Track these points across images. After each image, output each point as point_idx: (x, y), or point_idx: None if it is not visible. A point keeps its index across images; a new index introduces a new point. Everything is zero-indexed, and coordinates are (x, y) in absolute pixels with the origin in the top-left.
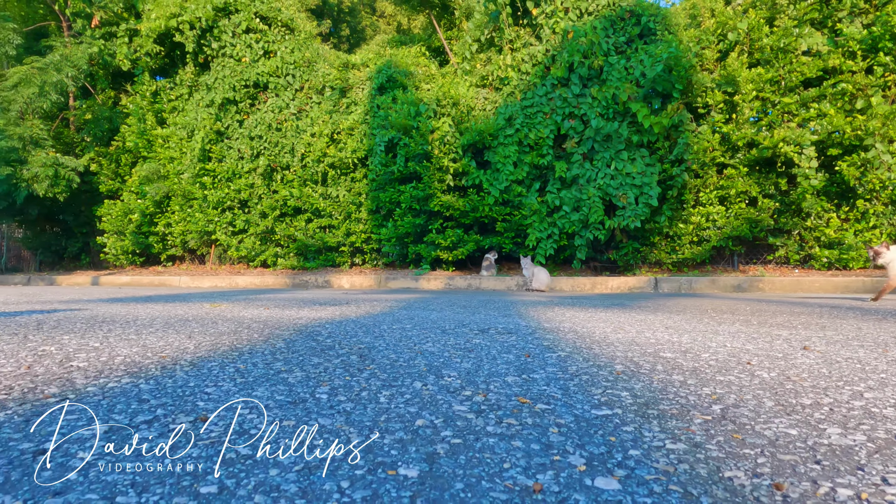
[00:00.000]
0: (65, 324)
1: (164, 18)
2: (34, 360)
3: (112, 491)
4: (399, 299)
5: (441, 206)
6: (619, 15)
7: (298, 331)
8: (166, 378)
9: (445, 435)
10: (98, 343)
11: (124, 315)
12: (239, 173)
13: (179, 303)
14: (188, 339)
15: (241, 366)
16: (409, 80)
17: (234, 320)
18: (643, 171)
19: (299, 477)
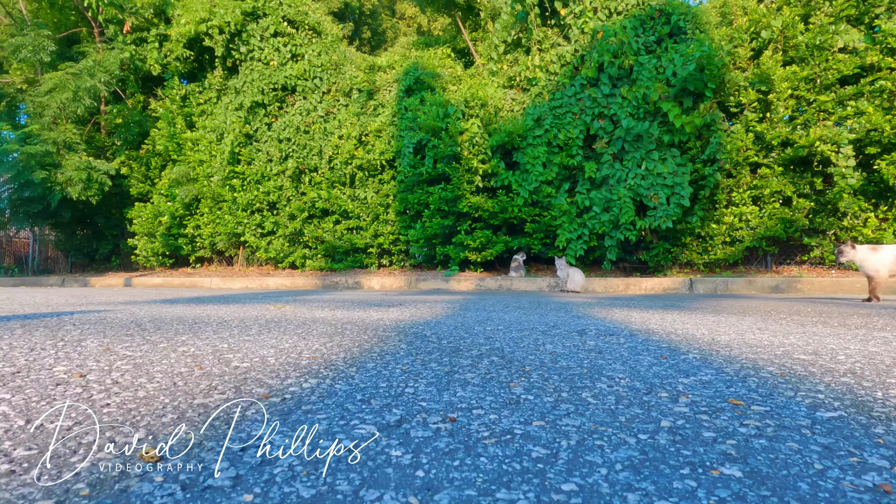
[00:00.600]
0: (165, 325)
1: (194, 23)
2: (193, 360)
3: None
4: (446, 300)
5: (470, 208)
6: (649, 14)
7: (400, 332)
8: (348, 378)
9: (710, 436)
10: (224, 344)
11: (209, 316)
12: (268, 175)
13: (241, 304)
14: (303, 340)
15: (402, 366)
16: (436, 81)
17: (322, 322)
18: (674, 171)
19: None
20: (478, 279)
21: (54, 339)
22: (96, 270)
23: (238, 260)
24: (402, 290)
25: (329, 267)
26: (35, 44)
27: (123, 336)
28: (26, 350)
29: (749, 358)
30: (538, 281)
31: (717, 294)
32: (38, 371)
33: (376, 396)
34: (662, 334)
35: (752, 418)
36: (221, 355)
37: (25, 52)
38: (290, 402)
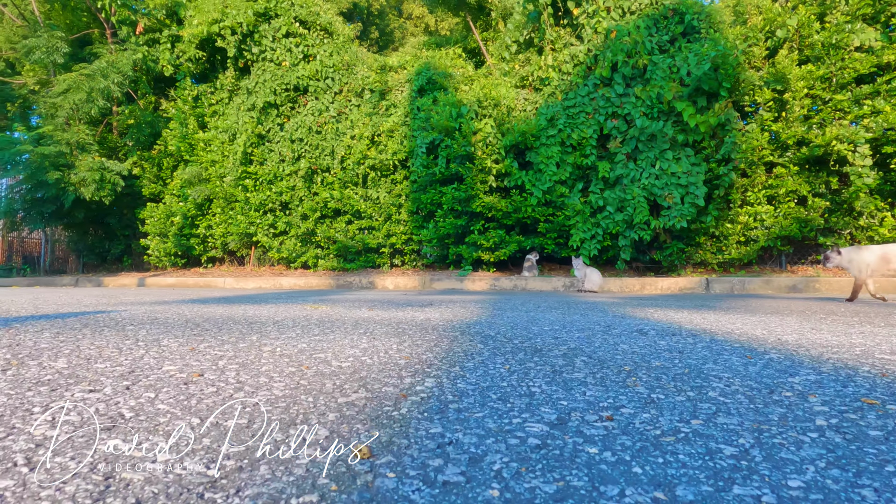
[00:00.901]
0: (224, 325)
1: (207, 24)
2: (290, 360)
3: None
4: (476, 300)
5: (483, 207)
6: (662, 13)
7: (463, 332)
8: (462, 378)
9: (878, 434)
10: (302, 343)
11: (256, 316)
12: (280, 176)
13: (275, 304)
14: (376, 340)
15: (504, 366)
16: (448, 81)
17: (372, 321)
18: (688, 171)
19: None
20: (492, 279)
21: (130, 338)
22: (108, 270)
23: (250, 260)
24: (416, 289)
25: (341, 267)
26: (49, 45)
27: (193, 336)
28: (116, 351)
29: (834, 358)
30: (553, 281)
31: (734, 294)
32: (151, 370)
33: (511, 396)
34: (724, 334)
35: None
36: (312, 355)
37: (39, 53)
38: (433, 402)
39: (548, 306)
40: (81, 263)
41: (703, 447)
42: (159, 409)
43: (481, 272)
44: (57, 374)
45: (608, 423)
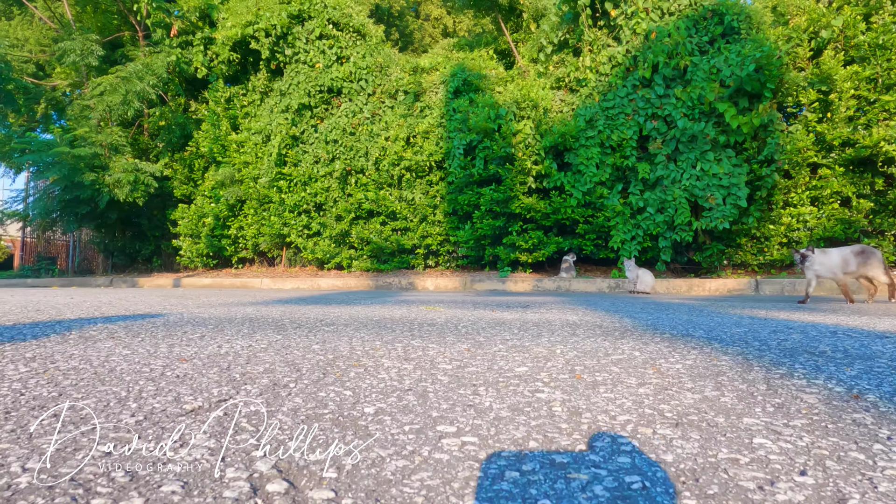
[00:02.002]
0: (382, 327)
1: (241, 26)
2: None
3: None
4: (556, 301)
5: (522, 209)
6: (702, 14)
7: (653, 332)
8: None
9: None
10: (503, 345)
11: (398, 318)
12: (315, 177)
13: (389, 306)
14: (587, 340)
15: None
16: (483, 83)
17: (529, 323)
18: (730, 172)
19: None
20: (535, 280)
21: (311, 339)
22: (138, 271)
23: (282, 261)
24: (457, 290)
25: (375, 268)
26: (83, 48)
27: (369, 338)
28: (305, 349)
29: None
30: (597, 282)
31: (786, 295)
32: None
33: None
34: (883, 329)
35: None
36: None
37: (73, 56)
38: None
39: (642, 307)
40: (111, 264)
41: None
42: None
43: (520, 273)
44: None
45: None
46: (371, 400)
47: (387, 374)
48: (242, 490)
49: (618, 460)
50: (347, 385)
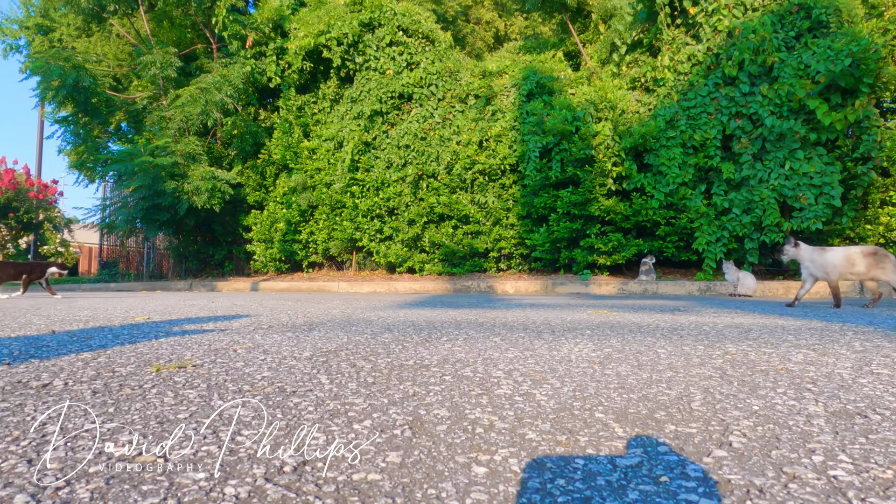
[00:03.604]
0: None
1: (313, 36)
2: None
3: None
4: (681, 306)
5: (601, 211)
6: (787, 9)
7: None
8: None
9: None
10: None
11: (594, 323)
12: (387, 182)
13: (546, 309)
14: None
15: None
16: (556, 85)
17: (752, 327)
18: (822, 171)
19: None
20: (619, 283)
21: (675, 346)
22: (211, 275)
23: (351, 265)
24: (538, 293)
25: (447, 271)
26: (163, 61)
27: (669, 342)
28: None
29: None
30: (686, 285)
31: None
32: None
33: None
34: None
35: None
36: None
37: (154, 69)
38: None
39: (810, 310)
40: (183, 269)
41: None
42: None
43: (599, 276)
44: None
45: None
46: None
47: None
48: None
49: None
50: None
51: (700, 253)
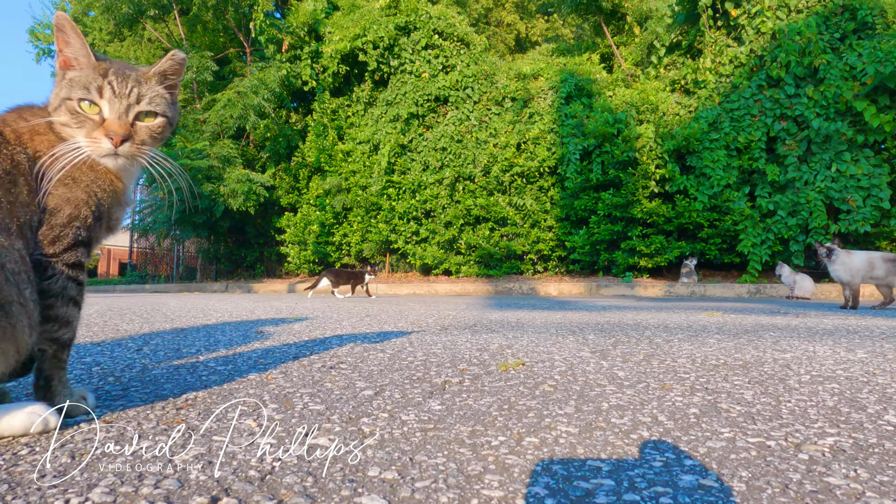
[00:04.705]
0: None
1: (349, 40)
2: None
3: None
4: (768, 309)
5: (643, 213)
6: (832, 10)
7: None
8: None
9: None
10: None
11: (729, 325)
12: (424, 185)
13: (650, 312)
14: None
15: None
16: (594, 87)
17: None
18: (869, 173)
19: None
20: (666, 285)
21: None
22: (243, 277)
23: (385, 266)
24: (581, 295)
25: (483, 273)
26: (199, 65)
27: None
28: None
29: None
30: (734, 287)
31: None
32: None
33: None
34: None
35: None
36: None
37: (190, 73)
38: None
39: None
40: (215, 270)
41: None
42: None
43: (641, 278)
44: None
45: None
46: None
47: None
48: None
49: None
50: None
51: (744, 255)
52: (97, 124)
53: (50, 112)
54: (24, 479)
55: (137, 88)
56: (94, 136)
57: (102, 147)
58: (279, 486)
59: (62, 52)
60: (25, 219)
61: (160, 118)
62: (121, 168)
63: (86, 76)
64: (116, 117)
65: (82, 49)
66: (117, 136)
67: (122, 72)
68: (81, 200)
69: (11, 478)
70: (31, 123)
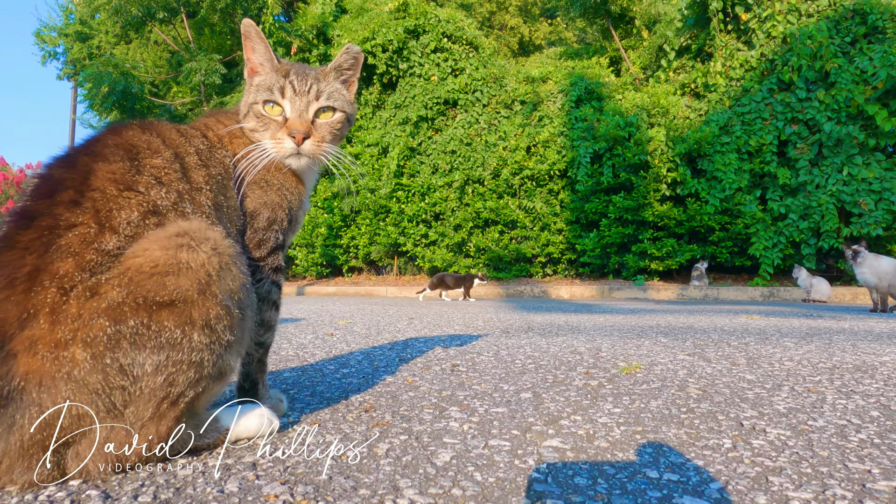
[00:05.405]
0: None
1: (358, 42)
2: None
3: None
4: (797, 312)
5: (655, 216)
6: (843, 15)
7: None
8: None
9: None
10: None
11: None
12: (433, 187)
13: (693, 315)
14: None
15: None
16: (604, 91)
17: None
18: (881, 176)
19: None
20: (678, 288)
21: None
22: None
23: (392, 269)
24: (593, 298)
25: (492, 276)
26: (208, 67)
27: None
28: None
29: None
30: (748, 290)
31: None
32: None
33: None
34: None
35: None
36: None
37: (199, 76)
38: None
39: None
40: None
41: None
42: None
43: (653, 281)
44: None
45: None
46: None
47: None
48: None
49: None
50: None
51: (755, 259)
52: (280, 125)
53: (240, 119)
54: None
55: (316, 85)
56: (277, 137)
57: (286, 147)
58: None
59: (250, 59)
60: (238, 224)
61: (339, 113)
62: (304, 169)
63: (269, 79)
64: (297, 115)
65: (266, 54)
66: (299, 133)
67: (301, 70)
68: (276, 203)
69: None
70: (230, 128)
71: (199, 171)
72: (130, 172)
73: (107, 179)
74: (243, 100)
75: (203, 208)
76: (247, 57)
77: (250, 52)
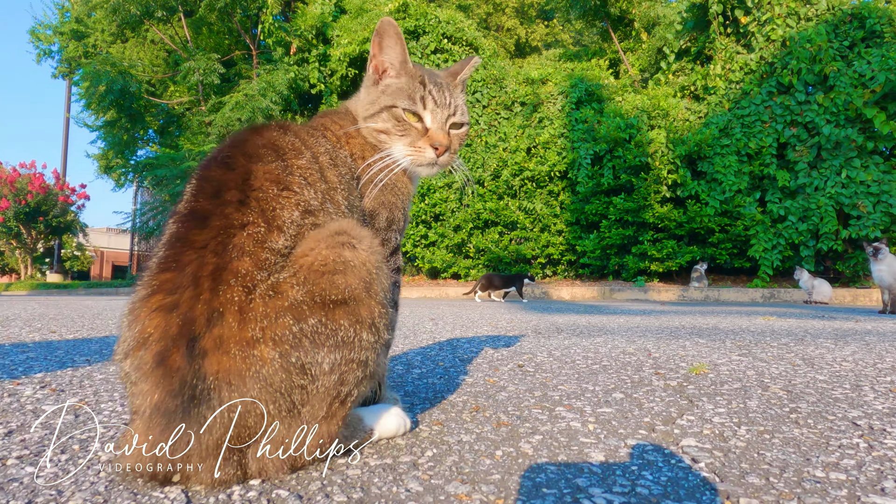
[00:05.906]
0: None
1: (357, 43)
2: None
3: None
4: (813, 314)
5: (655, 218)
6: (841, 19)
7: None
8: None
9: None
10: None
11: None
12: (433, 188)
13: (710, 316)
14: None
15: None
16: (604, 93)
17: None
18: (879, 179)
19: None
20: (679, 289)
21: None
22: None
23: None
24: (595, 299)
25: None
26: (206, 67)
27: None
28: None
29: None
30: (748, 292)
31: None
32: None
33: None
34: None
35: None
36: None
37: (197, 75)
38: None
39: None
40: None
41: None
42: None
43: (653, 282)
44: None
45: None
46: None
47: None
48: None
49: None
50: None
51: (754, 260)
52: (420, 133)
53: (362, 117)
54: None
55: (452, 99)
56: (417, 146)
57: (426, 156)
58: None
59: (376, 56)
60: (362, 223)
61: (465, 127)
62: (424, 176)
63: (407, 85)
64: (439, 128)
65: (402, 55)
66: (442, 145)
67: (435, 81)
68: (394, 204)
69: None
70: (346, 129)
71: (331, 171)
72: (284, 172)
73: (266, 179)
74: (365, 97)
75: (341, 207)
76: (374, 53)
77: (377, 50)
